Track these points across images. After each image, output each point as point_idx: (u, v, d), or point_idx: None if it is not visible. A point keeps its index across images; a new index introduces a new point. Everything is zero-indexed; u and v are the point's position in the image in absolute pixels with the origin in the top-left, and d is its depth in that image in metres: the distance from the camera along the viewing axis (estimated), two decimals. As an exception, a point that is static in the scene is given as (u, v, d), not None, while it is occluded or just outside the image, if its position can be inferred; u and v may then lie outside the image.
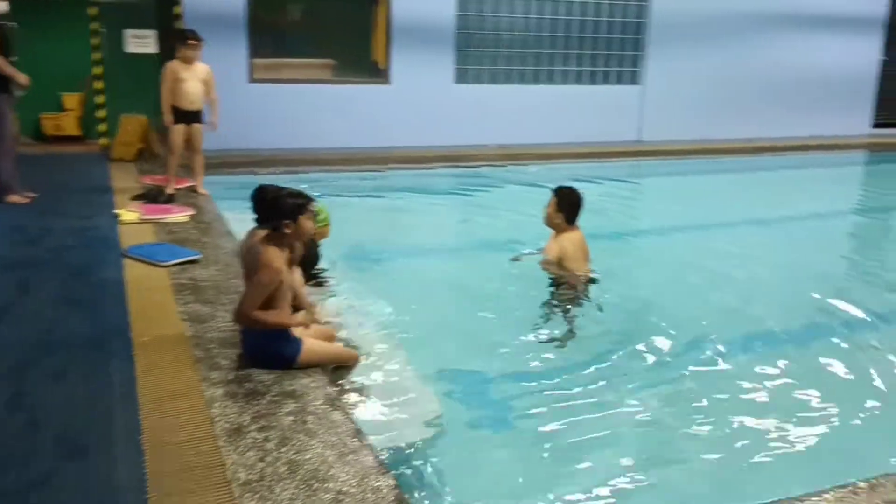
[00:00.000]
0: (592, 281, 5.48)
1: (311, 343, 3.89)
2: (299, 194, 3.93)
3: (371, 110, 11.18)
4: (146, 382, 3.65)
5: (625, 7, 12.48)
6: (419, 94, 11.32)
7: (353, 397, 3.87)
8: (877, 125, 15.01)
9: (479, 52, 11.72)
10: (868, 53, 14.51)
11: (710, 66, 13.15)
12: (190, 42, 7.62)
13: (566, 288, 5.38)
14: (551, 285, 5.47)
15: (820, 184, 11.56)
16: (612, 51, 12.57)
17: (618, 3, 12.40)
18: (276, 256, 3.76)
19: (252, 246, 3.84)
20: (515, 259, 6.01)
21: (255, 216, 3.85)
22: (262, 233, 3.87)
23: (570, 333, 4.96)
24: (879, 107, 15.00)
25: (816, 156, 13.26)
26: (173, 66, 7.66)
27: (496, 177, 10.59)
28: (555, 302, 5.27)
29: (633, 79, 12.83)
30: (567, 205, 5.45)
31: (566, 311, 5.17)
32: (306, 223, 3.92)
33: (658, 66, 12.82)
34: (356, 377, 4.07)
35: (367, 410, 3.79)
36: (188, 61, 7.65)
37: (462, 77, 11.68)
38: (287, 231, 3.82)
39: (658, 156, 12.35)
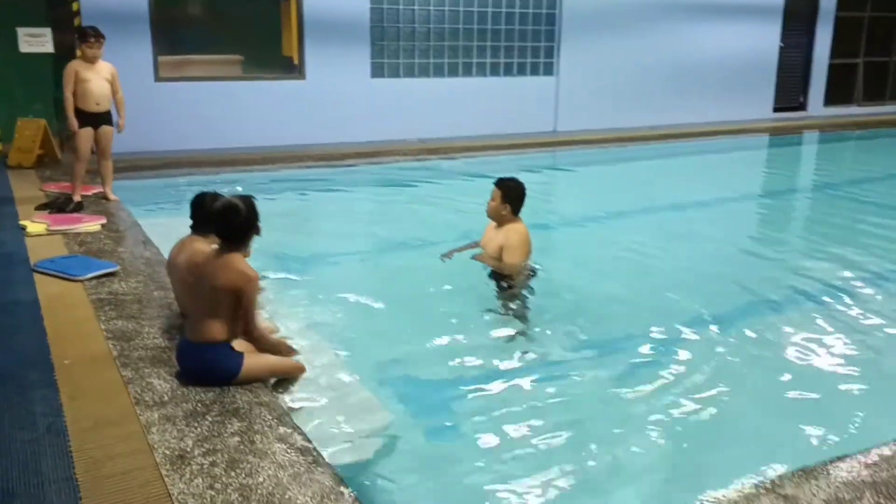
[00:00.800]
0: (533, 273, 5.41)
1: (253, 356, 3.68)
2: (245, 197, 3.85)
3: (286, 107, 10.88)
4: (74, 410, 3.36)
5: (536, -2, 12.54)
6: (335, 90, 11.09)
7: (299, 411, 3.68)
8: (777, 109, 15.63)
9: (395, 46, 11.57)
10: (769, 40, 15.06)
11: (620, 56, 13.38)
12: (91, 40, 7.16)
13: (508, 281, 5.30)
14: (493, 279, 5.38)
15: (729, 168, 11.94)
16: (527, 42, 12.62)
17: (529, -6, 12.46)
18: (247, 264, 3.68)
19: (213, 258, 3.67)
20: (446, 256, 5.88)
21: (223, 233, 3.69)
22: (203, 242, 3.69)
23: (516, 328, 4.89)
24: (779, 91, 15.62)
25: (724, 141, 13.69)
26: (75, 66, 7.17)
27: (418, 171, 10.46)
28: (497, 297, 5.19)
29: (547, 70, 12.92)
30: (512, 196, 5.37)
31: (510, 307, 5.09)
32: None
33: (571, 57, 12.96)
34: (300, 389, 3.88)
35: (316, 424, 3.60)
36: (90, 60, 7.19)
37: (378, 71, 11.50)
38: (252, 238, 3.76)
39: (573, 145, 12.50)
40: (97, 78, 7.20)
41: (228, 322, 3.65)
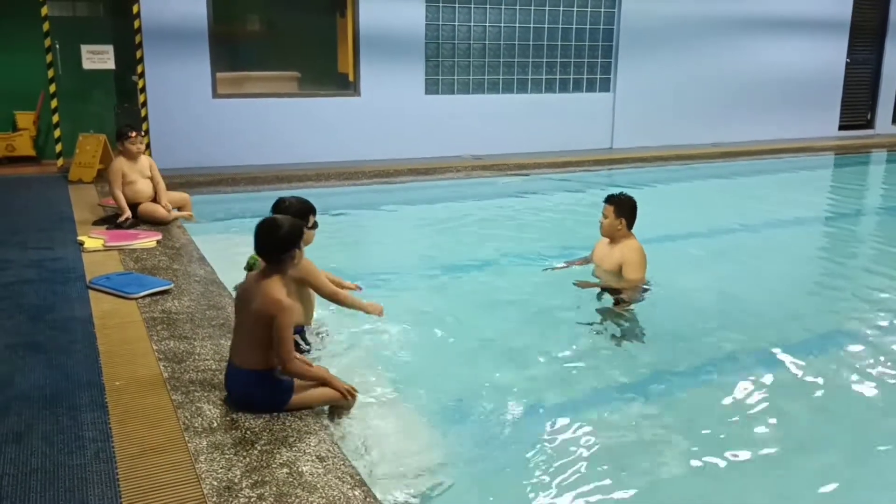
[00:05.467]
0: (647, 289, 5.40)
1: (303, 383, 3.58)
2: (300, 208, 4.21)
3: (341, 123, 10.89)
4: (122, 435, 3.29)
5: (594, 14, 12.36)
6: (390, 106, 11.07)
7: (351, 442, 3.56)
8: (842, 127, 15.12)
9: (450, 62, 11.50)
10: (835, 56, 14.60)
11: (679, 72, 13.11)
12: (132, 135, 7.08)
13: (622, 297, 5.27)
14: (606, 295, 5.35)
15: (792, 188, 11.54)
16: (583, 58, 12.44)
17: (586, 10, 12.28)
18: (282, 292, 3.50)
19: (254, 281, 3.59)
20: (554, 269, 5.89)
21: (260, 251, 3.60)
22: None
23: (618, 345, 4.85)
24: (845, 108, 15.11)
25: (787, 159, 13.27)
26: (121, 165, 7.07)
27: (472, 188, 10.35)
28: (600, 317, 5.14)
29: (604, 86, 12.71)
30: (626, 210, 5.41)
31: (620, 327, 5.04)
32: (309, 234, 4.27)
33: (628, 73, 12.73)
34: (352, 418, 3.76)
35: (368, 455, 3.48)
36: (133, 157, 7.14)
37: (433, 88, 11.44)
38: (292, 261, 3.61)
39: (630, 163, 12.24)
40: (141, 179, 7.19)
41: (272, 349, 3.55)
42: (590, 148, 12.61)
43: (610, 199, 5.45)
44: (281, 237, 3.53)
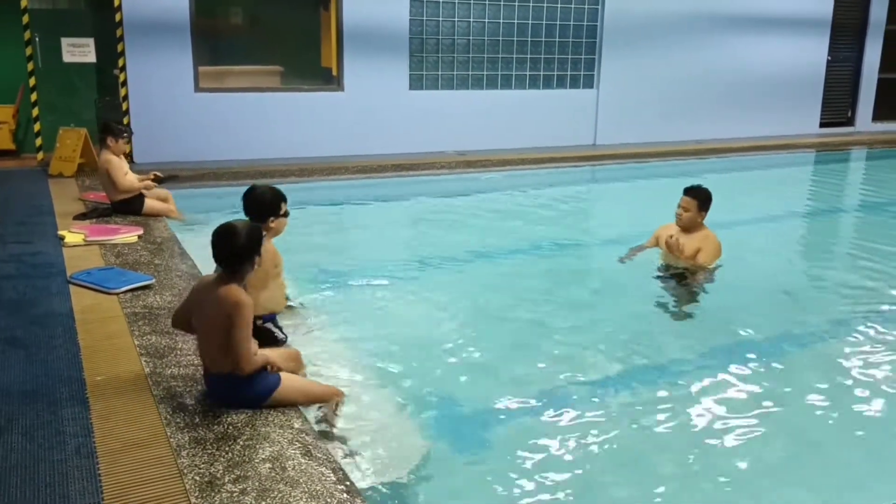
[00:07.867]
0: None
1: (290, 378, 3.55)
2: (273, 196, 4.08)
3: (325, 118, 10.85)
4: (104, 430, 3.28)
5: (578, 11, 12.38)
6: (373, 101, 11.04)
7: (334, 438, 3.55)
8: (822, 125, 15.25)
9: (434, 58, 11.49)
10: (816, 54, 14.72)
11: (662, 69, 13.16)
12: (125, 136, 7.18)
13: (691, 278, 5.61)
14: (667, 277, 5.67)
15: (774, 185, 11.62)
16: (567, 55, 12.46)
17: (570, 6, 12.30)
18: (240, 293, 3.39)
19: (211, 286, 3.46)
20: (626, 258, 6.17)
21: (219, 258, 3.46)
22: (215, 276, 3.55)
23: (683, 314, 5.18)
24: (826, 106, 15.25)
25: (768, 156, 13.36)
26: (118, 160, 7.07)
27: (456, 184, 10.36)
28: (671, 293, 5.52)
29: (587, 82, 12.74)
30: (706, 202, 5.64)
31: (689, 302, 5.43)
32: (281, 222, 4.30)
33: (611, 70, 12.77)
34: (336, 413, 3.75)
35: (351, 451, 3.47)
36: (121, 154, 7.16)
37: (417, 83, 11.42)
38: (252, 268, 3.47)
39: (613, 159, 12.27)
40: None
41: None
42: (573, 144, 12.64)
43: (692, 193, 5.62)
44: (240, 246, 3.40)
